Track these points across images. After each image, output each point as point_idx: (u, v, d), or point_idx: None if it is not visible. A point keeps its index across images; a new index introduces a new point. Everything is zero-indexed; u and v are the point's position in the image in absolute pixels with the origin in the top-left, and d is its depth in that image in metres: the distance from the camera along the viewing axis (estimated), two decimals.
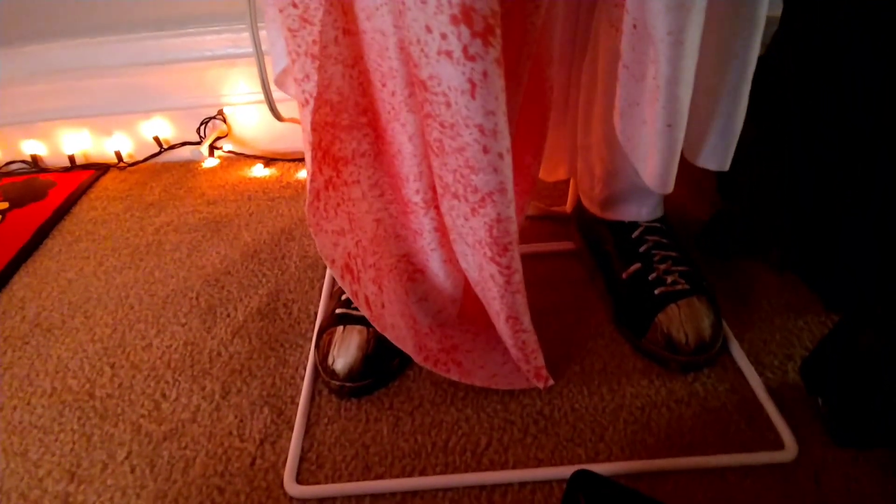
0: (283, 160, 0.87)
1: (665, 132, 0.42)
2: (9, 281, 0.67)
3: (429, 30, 0.30)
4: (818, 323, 0.55)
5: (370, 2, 0.33)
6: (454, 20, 0.29)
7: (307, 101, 0.36)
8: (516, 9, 0.36)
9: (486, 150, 0.34)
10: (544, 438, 0.47)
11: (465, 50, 0.30)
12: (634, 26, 0.39)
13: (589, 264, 0.62)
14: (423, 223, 0.44)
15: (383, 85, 0.37)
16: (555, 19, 0.42)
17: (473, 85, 0.31)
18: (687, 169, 0.48)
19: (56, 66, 0.84)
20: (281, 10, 0.34)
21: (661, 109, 0.40)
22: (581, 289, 0.61)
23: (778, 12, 0.54)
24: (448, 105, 0.33)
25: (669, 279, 0.53)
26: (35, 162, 0.89)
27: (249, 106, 0.87)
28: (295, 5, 0.34)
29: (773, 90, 0.54)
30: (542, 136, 0.48)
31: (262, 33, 0.56)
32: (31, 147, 0.89)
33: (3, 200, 0.82)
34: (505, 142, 0.34)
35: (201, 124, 0.87)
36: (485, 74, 0.31)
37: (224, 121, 0.88)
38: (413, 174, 0.41)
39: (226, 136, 0.89)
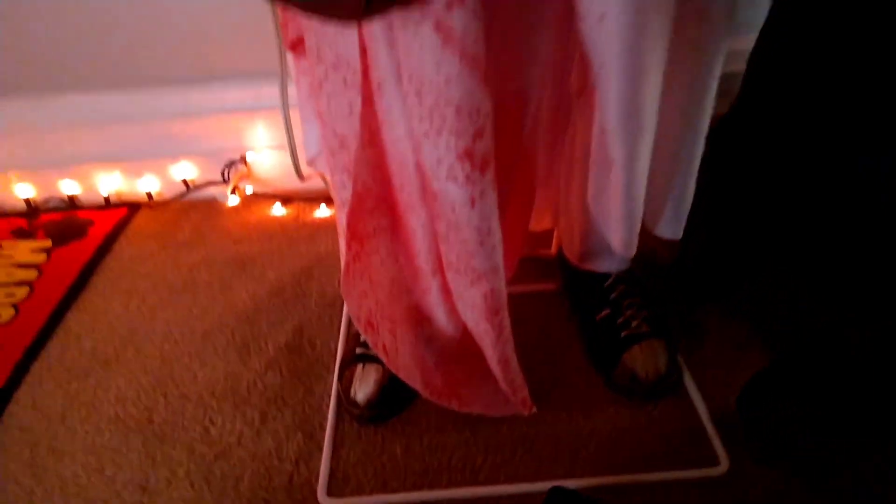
0: (299, 200, 0.97)
1: (626, 213, 0.52)
2: (63, 317, 0.77)
3: (440, 162, 0.41)
4: (758, 359, 0.66)
5: (394, 134, 0.43)
6: (459, 157, 0.40)
7: (343, 205, 0.46)
8: (508, 123, 0.46)
9: (482, 244, 0.44)
10: (529, 458, 0.57)
11: (467, 177, 0.41)
12: (602, 131, 0.49)
13: (568, 305, 0.72)
14: (430, 284, 0.54)
15: (402, 187, 0.47)
16: (540, 122, 0.52)
17: (473, 200, 0.42)
18: None
19: (92, 115, 0.93)
20: (323, 136, 0.44)
21: (622, 198, 0.51)
22: (562, 326, 0.71)
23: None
24: (453, 210, 0.43)
25: (634, 323, 0.63)
26: (71, 201, 0.99)
27: (269, 150, 0.97)
28: (335, 134, 0.44)
29: (721, 169, 0.65)
30: (528, 208, 0.58)
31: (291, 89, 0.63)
32: (67, 186, 0.98)
33: (46, 238, 0.91)
34: (497, 236, 0.45)
35: (225, 167, 0.97)
36: (482, 193, 0.41)
37: (245, 163, 0.98)
38: (423, 250, 0.51)
39: (247, 176, 0.99)
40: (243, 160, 0.97)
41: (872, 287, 0.56)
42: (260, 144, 0.96)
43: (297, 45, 0.49)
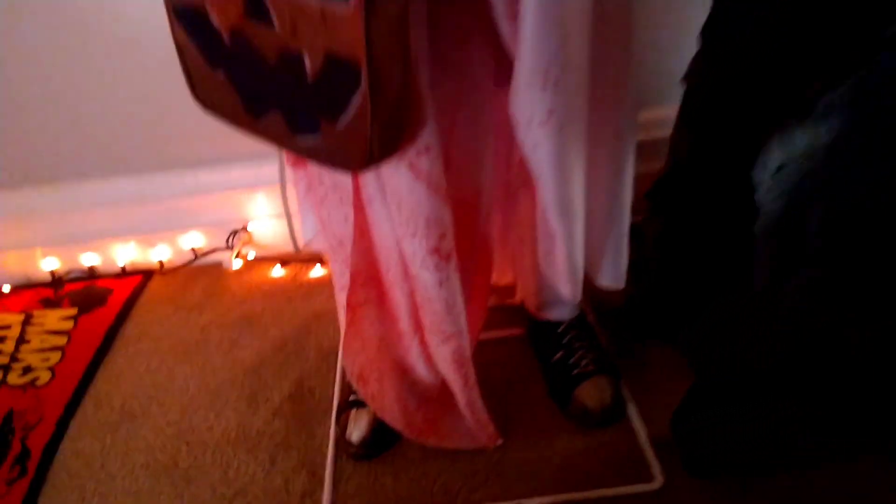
0: (296, 261, 1.09)
1: (570, 271, 0.65)
2: (93, 377, 0.87)
3: (414, 255, 0.54)
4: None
5: (382, 232, 0.56)
6: (429, 252, 0.53)
7: (343, 289, 0.59)
8: (468, 216, 0.60)
9: (449, 313, 0.58)
10: (499, 481, 0.69)
11: (435, 265, 0.54)
12: (543, 214, 0.63)
13: (530, 348, 0.85)
14: (411, 343, 0.67)
15: (388, 269, 0.60)
16: (494, 210, 0.66)
17: (441, 282, 0.55)
18: None
19: (111, 197, 1.05)
20: (324, 235, 0.58)
21: (565, 261, 0.64)
22: (526, 366, 0.84)
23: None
24: (426, 289, 0.56)
25: (583, 362, 0.76)
26: (91, 271, 1.10)
27: (268, 219, 1.10)
28: (334, 235, 0.57)
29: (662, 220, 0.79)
30: (488, 276, 0.72)
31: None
32: (88, 258, 1.09)
33: (72, 306, 1.02)
34: (460, 306, 0.58)
35: (230, 235, 1.09)
36: (447, 277, 0.55)
37: (247, 231, 1.10)
38: (405, 316, 0.64)
39: (249, 242, 1.11)
40: (245, 229, 1.10)
41: (872, 287, 0.55)
42: (260, 214, 1.09)
43: (298, 163, 0.63)
